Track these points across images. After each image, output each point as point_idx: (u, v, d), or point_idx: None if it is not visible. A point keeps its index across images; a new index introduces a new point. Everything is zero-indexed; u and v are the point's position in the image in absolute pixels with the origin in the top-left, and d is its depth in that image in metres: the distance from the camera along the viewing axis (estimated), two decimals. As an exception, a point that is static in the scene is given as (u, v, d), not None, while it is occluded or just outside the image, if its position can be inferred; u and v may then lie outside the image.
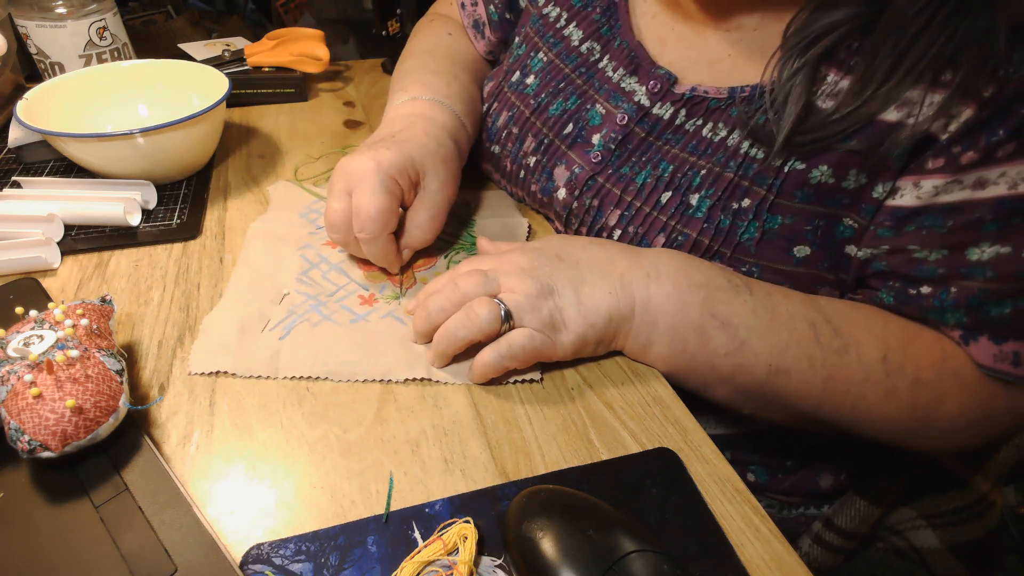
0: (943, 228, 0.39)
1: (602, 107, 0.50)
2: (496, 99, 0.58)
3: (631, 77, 0.49)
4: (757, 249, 0.43)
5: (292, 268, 0.49)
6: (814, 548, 0.59)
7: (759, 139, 0.43)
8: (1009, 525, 0.57)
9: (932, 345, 0.42)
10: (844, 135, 0.40)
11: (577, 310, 0.40)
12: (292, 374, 0.40)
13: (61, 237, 0.51)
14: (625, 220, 0.47)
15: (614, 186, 0.48)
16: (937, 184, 0.39)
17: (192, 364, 0.41)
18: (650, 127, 0.48)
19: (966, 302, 0.40)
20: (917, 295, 0.42)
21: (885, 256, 0.42)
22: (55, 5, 0.67)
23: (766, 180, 0.42)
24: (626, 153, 0.48)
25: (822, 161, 0.41)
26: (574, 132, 0.51)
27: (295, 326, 0.43)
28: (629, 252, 0.43)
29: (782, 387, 0.41)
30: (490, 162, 0.59)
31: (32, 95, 0.56)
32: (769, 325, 0.40)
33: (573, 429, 0.38)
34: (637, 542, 0.29)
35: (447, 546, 0.31)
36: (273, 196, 0.58)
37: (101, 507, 0.32)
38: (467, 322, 0.39)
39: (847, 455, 0.58)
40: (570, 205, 0.50)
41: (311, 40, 0.78)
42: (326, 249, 0.51)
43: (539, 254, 0.42)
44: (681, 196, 0.45)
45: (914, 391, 0.41)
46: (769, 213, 0.43)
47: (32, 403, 0.32)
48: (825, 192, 0.41)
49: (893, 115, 0.39)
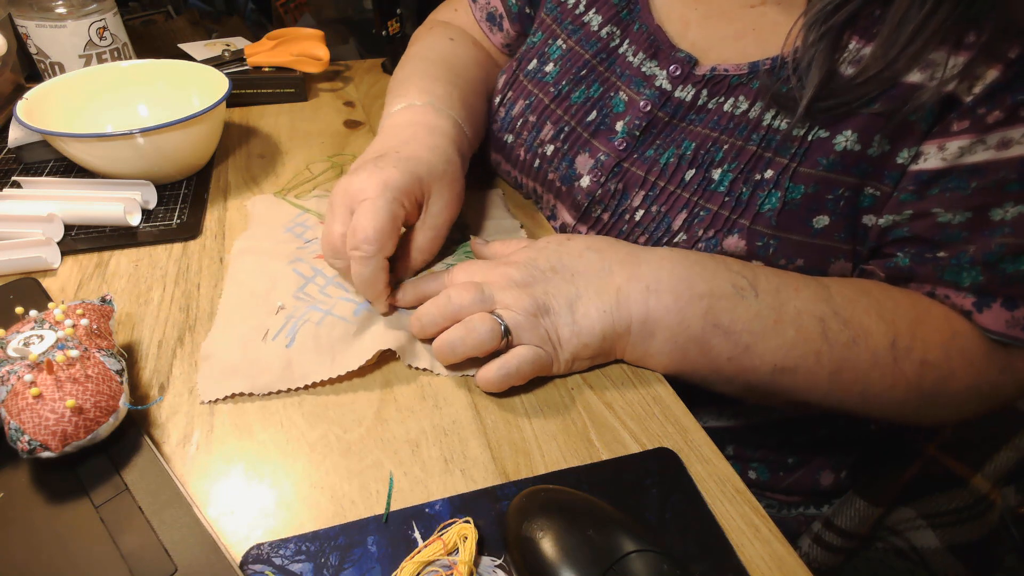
0: (967, 190, 0.39)
1: (625, 94, 0.50)
2: (510, 88, 0.57)
3: (651, 61, 0.49)
4: (778, 220, 0.43)
5: (287, 285, 0.47)
6: (814, 548, 0.59)
7: (782, 105, 0.42)
8: (1009, 525, 0.57)
9: (941, 325, 0.41)
10: (868, 98, 0.40)
11: (571, 329, 0.40)
12: (311, 380, 0.39)
13: (61, 237, 0.51)
14: (649, 200, 0.47)
15: (639, 169, 0.48)
16: (962, 145, 0.39)
17: (203, 392, 0.39)
18: (673, 110, 0.48)
19: (983, 259, 0.40)
20: (934, 257, 0.41)
21: (908, 222, 0.42)
22: (55, 5, 0.67)
23: (789, 149, 0.42)
24: (650, 137, 0.48)
25: (846, 127, 0.41)
26: (597, 119, 0.51)
27: (298, 330, 0.42)
28: (628, 259, 0.42)
29: (788, 384, 0.41)
30: (501, 152, 0.58)
31: (32, 95, 0.56)
32: (774, 327, 0.40)
33: (573, 429, 0.38)
34: (637, 542, 0.29)
35: (447, 546, 0.31)
36: (252, 211, 0.56)
37: (101, 507, 0.32)
38: (467, 337, 0.38)
39: (848, 452, 0.58)
40: (594, 192, 0.50)
41: (311, 40, 0.78)
42: (319, 262, 0.49)
43: (533, 267, 0.42)
44: (704, 172, 0.45)
45: (921, 372, 0.41)
46: (792, 182, 0.42)
47: (32, 403, 0.32)
48: (850, 159, 0.41)
49: (916, 77, 0.39)
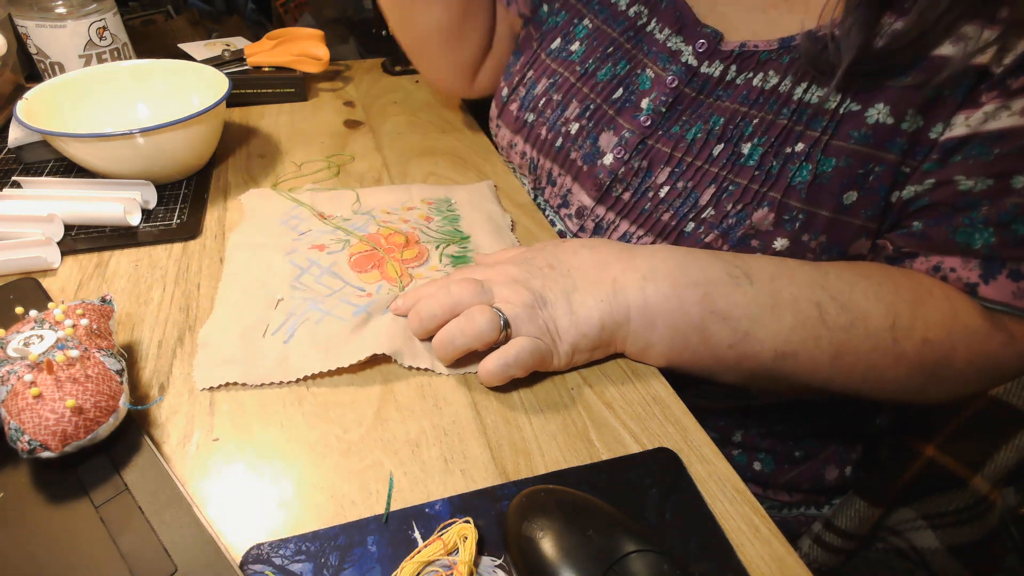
0: (990, 156, 0.39)
1: (652, 71, 0.50)
2: (531, 68, 0.57)
3: (677, 37, 0.49)
4: (808, 192, 0.43)
5: (284, 275, 0.48)
6: (814, 549, 0.59)
7: (820, 70, 0.42)
8: (1009, 525, 0.57)
9: (942, 304, 0.42)
10: (900, 70, 0.40)
11: (570, 319, 0.40)
12: (305, 373, 0.40)
13: (61, 237, 0.51)
14: (675, 176, 0.47)
15: (664, 145, 0.48)
16: (988, 110, 0.39)
17: (198, 379, 0.40)
18: (700, 86, 0.48)
19: (997, 218, 0.40)
20: (949, 221, 0.42)
21: (929, 192, 0.42)
22: (55, 5, 0.67)
23: (820, 122, 0.42)
24: (676, 114, 0.48)
25: (878, 100, 0.41)
26: (623, 96, 0.51)
27: (297, 327, 0.43)
28: (623, 253, 0.42)
29: (790, 368, 0.41)
30: (519, 132, 0.58)
31: (32, 95, 0.56)
32: (772, 312, 0.40)
33: (573, 429, 0.38)
34: (637, 542, 0.29)
35: (447, 546, 0.31)
36: (246, 205, 0.57)
37: (101, 507, 0.32)
38: (466, 329, 0.38)
39: (854, 448, 0.58)
40: (617, 170, 0.50)
41: (311, 40, 0.78)
42: (314, 253, 0.50)
43: (531, 265, 0.42)
44: (733, 147, 0.45)
45: (922, 351, 0.41)
46: (823, 155, 0.42)
47: (32, 403, 0.32)
48: (883, 133, 0.41)
49: (948, 49, 0.39)
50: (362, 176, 0.63)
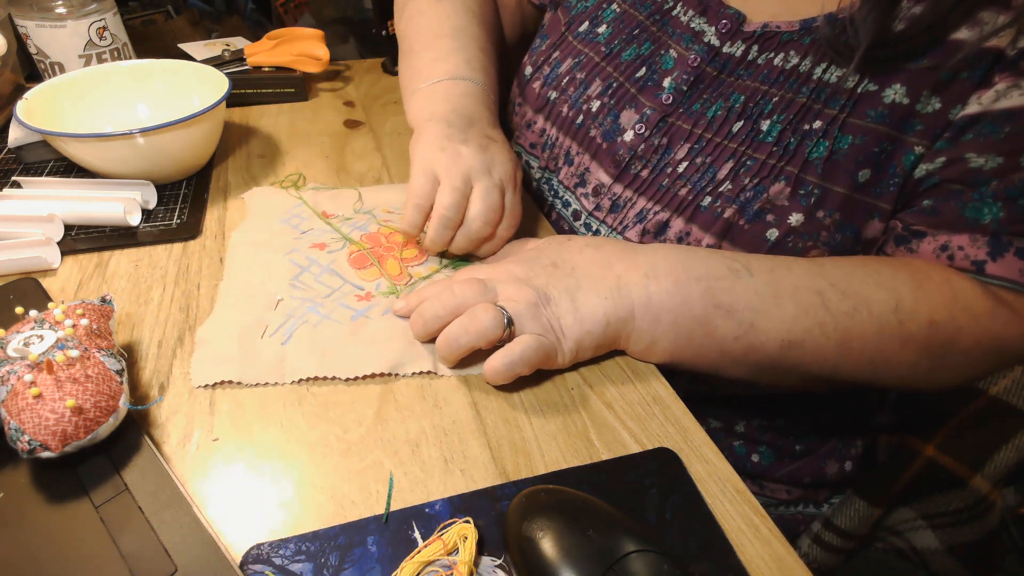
0: (1000, 134, 0.40)
1: (675, 51, 0.51)
2: (557, 49, 0.58)
3: (700, 18, 0.50)
4: (824, 168, 0.43)
5: (283, 274, 0.48)
6: (814, 548, 0.59)
7: (839, 52, 0.43)
8: (1009, 526, 0.57)
9: (942, 287, 0.42)
10: (917, 53, 0.41)
11: (574, 316, 0.40)
12: (300, 376, 0.40)
13: (61, 237, 0.51)
14: (694, 152, 0.48)
15: (684, 123, 0.49)
16: (999, 89, 0.40)
17: (195, 377, 0.40)
18: (721, 65, 0.48)
19: (1005, 193, 0.40)
20: (959, 197, 0.42)
21: (940, 169, 0.42)
22: (55, 5, 0.67)
23: (838, 101, 0.43)
24: (697, 92, 0.49)
25: (895, 80, 0.42)
26: (646, 75, 0.51)
27: (296, 329, 0.43)
28: (626, 252, 0.43)
29: (797, 358, 0.41)
30: (541, 110, 0.59)
31: (32, 95, 0.56)
32: (775, 302, 0.40)
33: (573, 429, 0.38)
34: (637, 542, 0.29)
35: (447, 546, 0.31)
36: (249, 204, 0.57)
37: (101, 507, 0.32)
38: (470, 327, 0.38)
39: (854, 443, 0.58)
40: (637, 147, 0.50)
41: (311, 40, 0.78)
42: (314, 252, 0.51)
43: (534, 263, 0.42)
44: (752, 123, 0.46)
45: (929, 333, 0.41)
46: (840, 132, 0.43)
47: (32, 403, 0.32)
48: (899, 114, 0.42)
49: (963, 34, 0.40)
50: (362, 176, 0.63)
